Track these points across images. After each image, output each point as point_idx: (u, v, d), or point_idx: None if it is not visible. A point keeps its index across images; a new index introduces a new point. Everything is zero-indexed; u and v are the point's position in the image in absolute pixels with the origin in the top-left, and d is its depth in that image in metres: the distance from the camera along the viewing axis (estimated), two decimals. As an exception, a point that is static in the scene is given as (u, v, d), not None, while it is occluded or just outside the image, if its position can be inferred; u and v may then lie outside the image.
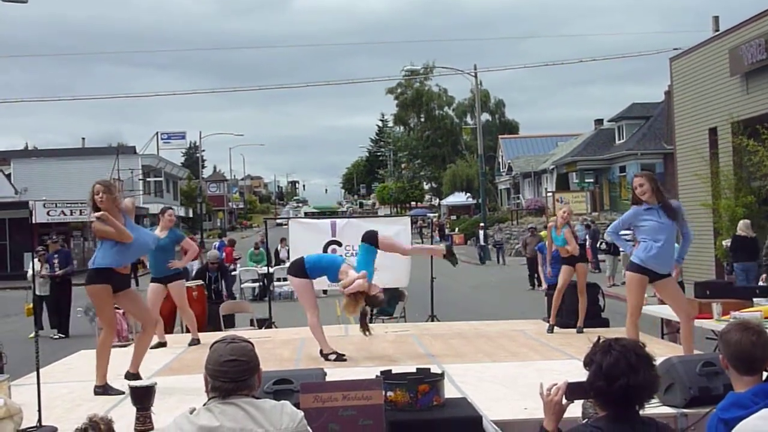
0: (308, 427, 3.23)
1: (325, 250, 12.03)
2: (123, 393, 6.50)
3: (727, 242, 17.49)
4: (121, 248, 6.90)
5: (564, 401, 3.27)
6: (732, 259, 15.48)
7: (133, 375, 7.08)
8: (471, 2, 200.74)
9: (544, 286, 12.66)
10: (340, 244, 12.15)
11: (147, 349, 7.66)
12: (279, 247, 24.43)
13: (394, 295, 13.44)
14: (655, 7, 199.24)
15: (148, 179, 53.39)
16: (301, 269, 8.61)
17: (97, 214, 6.82)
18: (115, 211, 6.91)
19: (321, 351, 8.51)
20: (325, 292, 22.25)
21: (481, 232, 39.85)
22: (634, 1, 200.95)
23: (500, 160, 65.57)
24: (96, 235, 7.02)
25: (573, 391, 3.25)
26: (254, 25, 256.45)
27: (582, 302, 10.22)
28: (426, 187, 79.61)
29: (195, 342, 9.97)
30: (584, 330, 9.98)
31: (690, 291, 10.69)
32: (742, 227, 15.40)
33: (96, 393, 6.87)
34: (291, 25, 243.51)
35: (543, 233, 25.46)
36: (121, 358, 7.56)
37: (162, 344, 9.90)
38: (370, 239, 8.60)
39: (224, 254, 23.54)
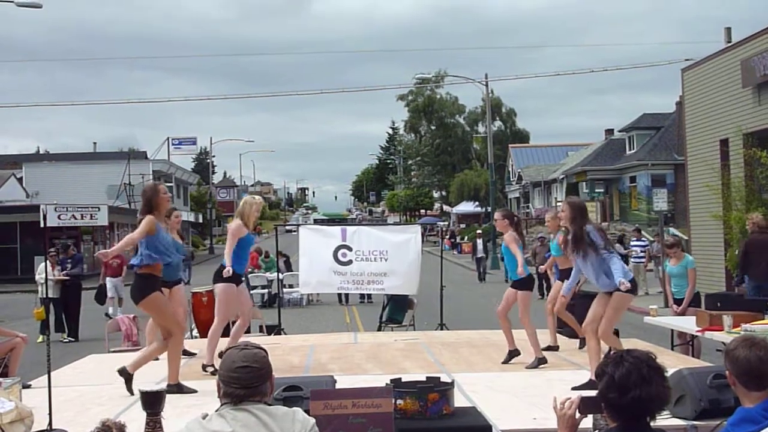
0: (319, 434, 3.23)
1: (335, 253, 12.07)
2: (196, 391, 7.08)
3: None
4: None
5: (577, 415, 3.27)
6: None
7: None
8: (486, 10, 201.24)
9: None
10: (350, 249, 12.14)
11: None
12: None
13: (403, 303, 13.45)
14: (671, 17, 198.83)
15: (158, 184, 53.57)
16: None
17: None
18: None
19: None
20: (340, 301, 22.34)
21: (479, 241, 32.07)
22: (651, 10, 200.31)
23: (510, 169, 65.54)
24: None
25: (586, 405, 3.24)
26: (269, 31, 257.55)
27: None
28: (436, 195, 79.51)
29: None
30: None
31: (701, 303, 10.65)
32: None
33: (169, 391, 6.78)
34: (305, 32, 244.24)
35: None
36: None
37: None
38: None
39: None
